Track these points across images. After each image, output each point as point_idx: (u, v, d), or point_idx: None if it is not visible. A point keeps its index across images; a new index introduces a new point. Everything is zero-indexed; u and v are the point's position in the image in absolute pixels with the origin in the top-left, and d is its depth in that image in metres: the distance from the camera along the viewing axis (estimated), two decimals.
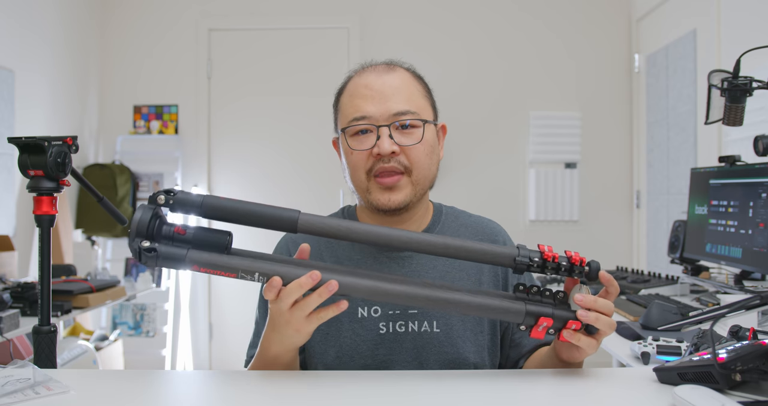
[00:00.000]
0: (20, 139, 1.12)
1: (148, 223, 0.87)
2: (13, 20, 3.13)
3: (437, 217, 1.19)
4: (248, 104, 3.99)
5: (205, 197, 0.91)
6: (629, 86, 3.92)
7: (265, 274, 0.88)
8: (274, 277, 0.87)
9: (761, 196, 1.85)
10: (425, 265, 1.13)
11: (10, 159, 3.00)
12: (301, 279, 0.87)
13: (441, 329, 1.10)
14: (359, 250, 1.14)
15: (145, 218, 0.87)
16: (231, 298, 3.95)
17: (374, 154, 1.07)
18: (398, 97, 1.08)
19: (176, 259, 0.87)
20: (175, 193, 0.89)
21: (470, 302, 0.92)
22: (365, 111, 1.08)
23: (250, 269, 0.88)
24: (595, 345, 0.93)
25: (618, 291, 0.94)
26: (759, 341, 0.84)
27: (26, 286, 2.19)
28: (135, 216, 0.87)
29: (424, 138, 1.08)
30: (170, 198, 0.89)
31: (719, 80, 1.47)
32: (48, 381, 0.87)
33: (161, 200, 0.88)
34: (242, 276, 0.89)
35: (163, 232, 0.88)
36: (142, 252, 0.86)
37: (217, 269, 0.88)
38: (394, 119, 1.07)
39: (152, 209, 0.88)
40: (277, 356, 0.98)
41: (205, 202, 0.90)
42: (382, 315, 1.10)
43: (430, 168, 1.11)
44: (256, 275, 0.88)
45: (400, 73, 1.12)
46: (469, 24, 3.96)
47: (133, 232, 0.86)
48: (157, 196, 0.88)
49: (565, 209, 3.90)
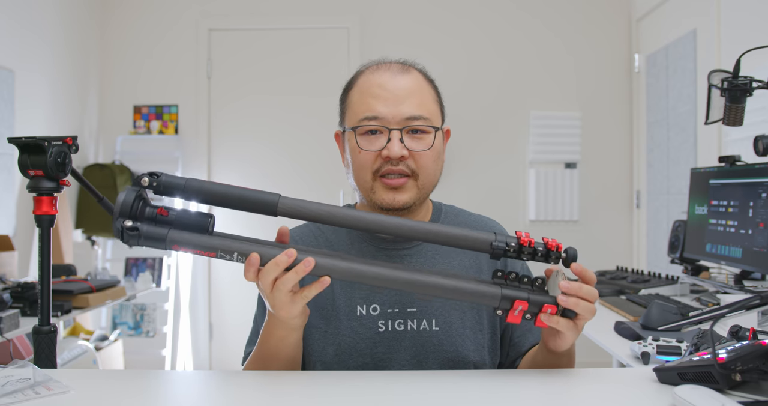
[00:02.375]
0: (20, 139, 1.12)
1: (132, 204, 0.89)
2: (13, 20, 3.13)
3: (437, 215, 1.20)
4: (248, 104, 3.99)
5: (188, 180, 0.93)
6: (629, 86, 3.92)
7: (243, 253, 0.91)
8: (251, 254, 0.89)
9: (761, 196, 1.85)
10: (425, 263, 1.13)
11: (10, 159, 3.00)
12: (278, 257, 0.88)
13: (440, 327, 1.10)
14: (358, 247, 1.14)
15: (129, 199, 0.89)
16: (231, 298, 3.95)
17: (383, 156, 1.07)
18: (411, 101, 1.08)
19: (157, 238, 0.89)
20: (159, 175, 0.91)
21: (446, 285, 0.93)
22: (377, 111, 1.07)
23: (228, 248, 0.91)
24: (574, 328, 0.93)
25: (594, 279, 0.94)
26: (759, 341, 0.84)
27: (26, 286, 2.18)
28: (119, 197, 0.89)
29: (434, 145, 1.09)
30: (154, 180, 0.91)
31: (719, 80, 1.47)
32: (48, 381, 0.87)
33: (145, 182, 0.91)
34: (221, 256, 0.91)
35: (146, 213, 0.90)
36: (124, 231, 0.88)
37: (197, 248, 0.90)
38: (406, 123, 1.07)
39: (136, 191, 0.90)
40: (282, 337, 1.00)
41: (188, 184, 0.92)
42: (381, 313, 1.10)
43: (436, 173, 1.12)
44: (234, 255, 0.91)
45: (415, 76, 1.12)
46: (468, 24, 3.96)
47: (116, 212, 0.88)
48: (141, 178, 0.91)
49: (565, 208, 3.90)
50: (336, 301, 1.11)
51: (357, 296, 1.11)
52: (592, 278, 0.94)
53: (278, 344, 1.01)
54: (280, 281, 0.89)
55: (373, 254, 1.14)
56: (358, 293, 1.11)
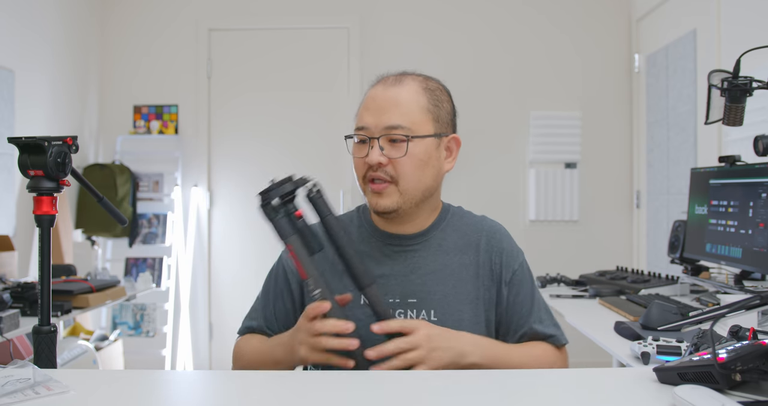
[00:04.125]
0: (20, 139, 1.12)
1: (287, 192, 1.04)
2: (14, 20, 3.14)
3: (443, 215, 1.25)
4: (248, 104, 3.99)
5: (327, 216, 1.08)
6: (629, 86, 3.92)
7: (323, 296, 1.03)
8: (325, 303, 1.02)
9: (761, 196, 1.85)
10: (427, 258, 1.20)
11: (10, 159, 3.00)
12: (340, 324, 1.01)
13: (438, 318, 1.15)
14: (368, 243, 1.22)
15: (287, 188, 1.04)
16: (231, 298, 3.95)
17: (366, 163, 1.15)
18: (394, 111, 1.14)
19: (285, 230, 1.04)
20: (321, 194, 1.08)
21: None
22: (365, 122, 1.16)
23: (318, 281, 1.04)
24: None
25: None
26: (759, 341, 0.84)
27: (26, 286, 2.18)
28: (288, 177, 1.05)
29: (409, 152, 1.14)
30: (313, 191, 1.08)
31: (719, 80, 1.47)
32: (48, 381, 0.87)
33: (309, 185, 1.07)
34: (308, 282, 1.04)
35: (287, 205, 1.05)
36: (270, 204, 1.04)
37: (302, 262, 1.04)
38: (384, 132, 1.14)
39: (295, 186, 1.05)
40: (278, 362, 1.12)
41: (325, 220, 1.08)
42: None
43: (420, 179, 1.16)
44: (318, 292, 1.03)
45: (407, 86, 1.17)
46: (467, 25, 3.96)
47: (276, 185, 1.04)
48: (309, 181, 1.07)
49: (565, 209, 3.90)
50: (345, 290, 1.14)
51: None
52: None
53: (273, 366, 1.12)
54: (324, 339, 1.01)
55: (381, 247, 1.21)
56: None
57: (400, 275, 1.18)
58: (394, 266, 1.19)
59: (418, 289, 1.17)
